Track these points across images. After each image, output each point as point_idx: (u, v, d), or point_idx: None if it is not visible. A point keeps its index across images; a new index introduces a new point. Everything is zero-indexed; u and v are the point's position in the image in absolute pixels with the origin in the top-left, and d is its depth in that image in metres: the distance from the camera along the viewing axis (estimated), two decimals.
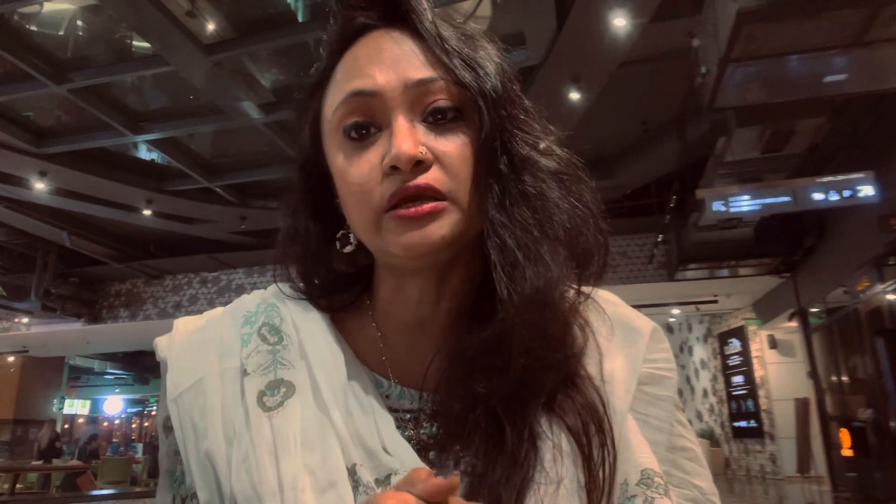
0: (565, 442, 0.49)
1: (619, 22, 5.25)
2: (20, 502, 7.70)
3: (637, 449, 0.51)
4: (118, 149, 8.12)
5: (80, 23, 6.29)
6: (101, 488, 8.32)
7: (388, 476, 0.48)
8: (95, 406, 22.46)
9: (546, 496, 0.46)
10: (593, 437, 0.49)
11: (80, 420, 21.65)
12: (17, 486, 8.26)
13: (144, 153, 8.45)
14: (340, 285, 0.60)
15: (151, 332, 0.61)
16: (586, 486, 0.48)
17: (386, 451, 0.49)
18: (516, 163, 0.51)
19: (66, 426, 19.11)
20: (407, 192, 0.48)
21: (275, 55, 6.39)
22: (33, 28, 6.08)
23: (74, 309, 11.47)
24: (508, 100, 0.53)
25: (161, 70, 5.94)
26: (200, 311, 0.62)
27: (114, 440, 17.98)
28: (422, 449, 0.51)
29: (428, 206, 0.48)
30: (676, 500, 0.53)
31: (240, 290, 11.25)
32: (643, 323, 0.58)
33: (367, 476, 0.48)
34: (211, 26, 5.58)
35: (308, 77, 0.57)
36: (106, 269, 11.53)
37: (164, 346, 0.56)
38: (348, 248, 0.56)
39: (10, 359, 14.66)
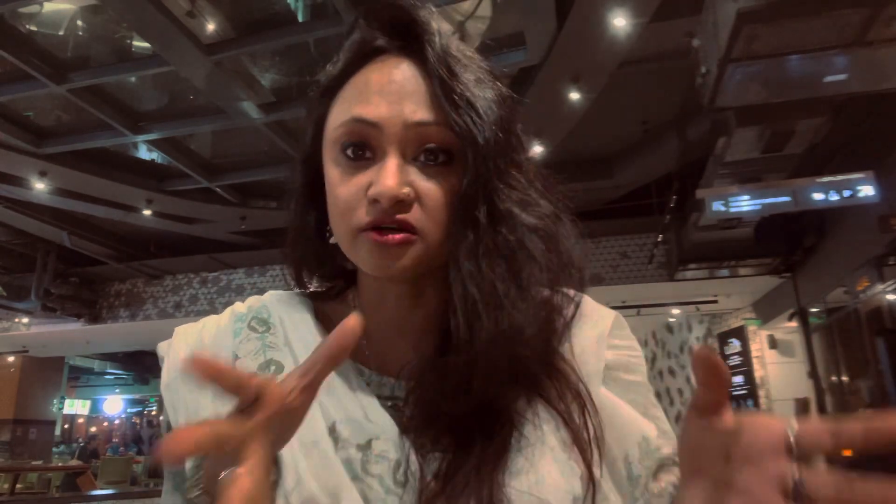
0: (543, 411, 0.53)
1: (619, 22, 5.25)
2: (20, 502, 7.71)
3: (628, 422, 0.55)
4: (118, 149, 8.11)
5: (80, 23, 6.29)
6: (101, 488, 8.32)
7: (370, 441, 0.52)
8: (95, 406, 22.47)
9: (534, 456, 0.50)
10: (571, 403, 0.53)
11: (80, 420, 21.66)
12: (17, 486, 8.26)
13: (144, 153, 8.45)
14: (329, 275, 0.66)
15: (151, 332, 0.63)
16: (574, 444, 0.51)
17: (368, 419, 0.53)
18: (495, 215, 0.53)
19: (66, 426, 19.11)
20: (383, 223, 0.52)
21: (275, 55, 6.40)
22: (33, 28, 6.08)
23: (74, 309, 11.46)
24: (499, 151, 0.54)
25: (161, 70, 5.93)
26: (200, 311, 0.64)
27: (114, 441, 17.98)
28: (401, 431, 0.54)
29: (398, 237, 0.52)
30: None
31: (240, 290, 11.24)
32: (605, 310, 0.62)
33: (346, 433, 0.52)
34: (211, 26, 5.58)
35: (320, 77, 0.60)
36: (106, 269, 11.53)
37: (163, 348, 0.62)
38: (334, 239, 0.59)
39: (10, 359, 14.65)
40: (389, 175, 0.51)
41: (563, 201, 0.59)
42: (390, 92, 0.54)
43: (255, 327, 0.60)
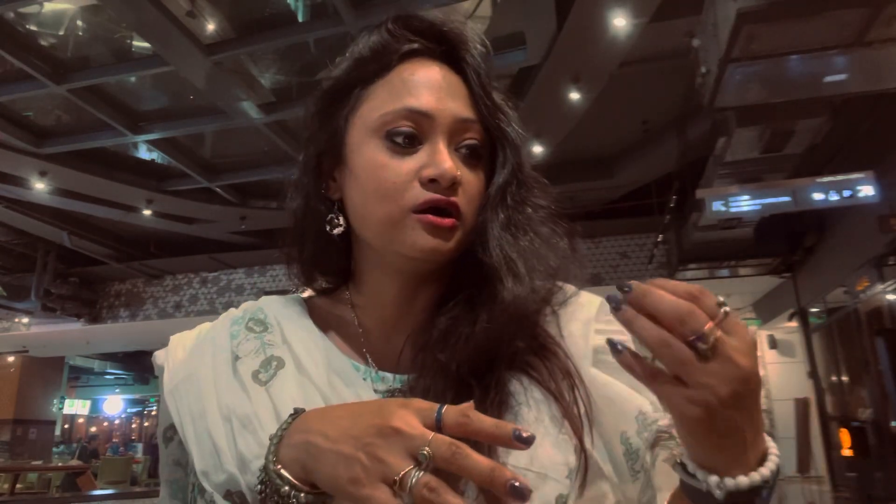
0: (536, 392, 0.55)
1: (619, 22, 5.25)
2: (20, 502, 7.71)
3: (624, 398, 0.57)
4: (118, 149, 8.11)
5: (80, 23, 6.29)
6: (102, 488, 8.32)
7: None
8: (95, 406, 22.46)
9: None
10: (561, 381, 0.56)
11: (80, 420, 21.65)
12: (17, 486, 8.26)
13: (144, 153, 8.45)
14: (333, 272, 0.68)
15: (151, 332, 0.64)
16: (564, 418, 0.54)
17: None
18: (521, 200, 0.61)
19: (66, 426, 19.11)
20: (440, 204, 0.56)
21: (275, 55, 6.39)
22: (33, 28, 6.08)
23: (74, 309, 11.46)
24: (522, 151, 0.63)
25: (161, 70, 5.93)
26: (200, 311, 0.65)
27: (114, 440, 17.97)
28: None
29: (449, 221, 0.57)
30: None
31: (240, 290, 11.25)
32: (593, 296, 0.65)
33: None
34: (211, 26, 5.58)
35: (338, 74, 0.63)
36: (106, 269, 11.53)
37: (161, 356, 0.64)
38: (337, 230, 0.62)
39: (10, 359, 14.65)
40: (446, 158, 0.56)
41: (557, 204, 0.65)
42: (439, 88, 0.59)
43: (253, 328, 0.61)
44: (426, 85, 0.59)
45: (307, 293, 0.69)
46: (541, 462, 0.51)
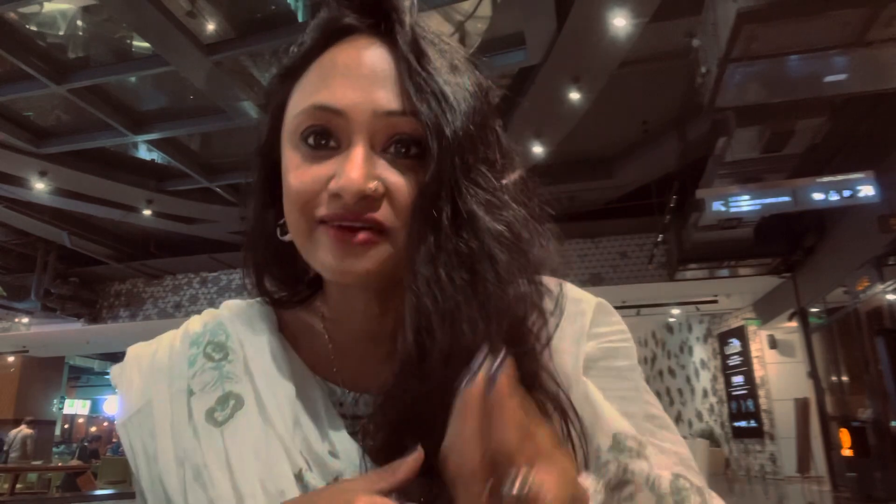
0: None
1: (619, 22, 5.25)
2: (20, 502, 7.71)
3: (606, 415, 0.50)
4: (118, 149, 8.12)
5: (80, 23, 6.29)
6: (101, 488, 8.32)
7: (337, 478, 0.48)
8: (95, 406, 22.47)
9: None
10: (552, 413, 0.47)
11: (80, 420, 21.66)
12: (17, 486, 8.26)
13: (144, 153, 8.46)
14: (292, 280, 0.60)
15: (151, 332, 0.61)
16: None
17: (333, 454, 0.49)
18: (458, 217, 0.47)
19: (66, 426, 19.11)
20: (346, 219, 0.46)
21: (275, 55, 6.39)
22: (33, 28, 6.08)
23: (74, 309, 11.47)
24: (469, 146, 0.48)
25: (161, 70, 5.93)
26: (200, 311, 0.62)
27: (114, 440, 17.97)
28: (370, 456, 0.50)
29: (362, 235, 0.46)
30: (659, 459, 0.51)
31: (240, 290, 11.16)
32: (588, 299, 0.56)
33: (314, 481, 0.47)
34: (211, 26, 5.58)
35: (284, 60, 0.54)
36: (106, 269, 11.53)
37: (116, 374, 0.56)
38: (287, 237, 0.53)
39: (10, 359, 14.67)
40: (355, 167, 0.45)
41: (541, 206, 0.53)
42: (359, 76, 0.48)
43: (212, 355, 0.54)
44: (345, 74, 0.48)
45: (306, 293, 0.62)
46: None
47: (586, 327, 0.54)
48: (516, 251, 0.48)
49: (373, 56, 0.49)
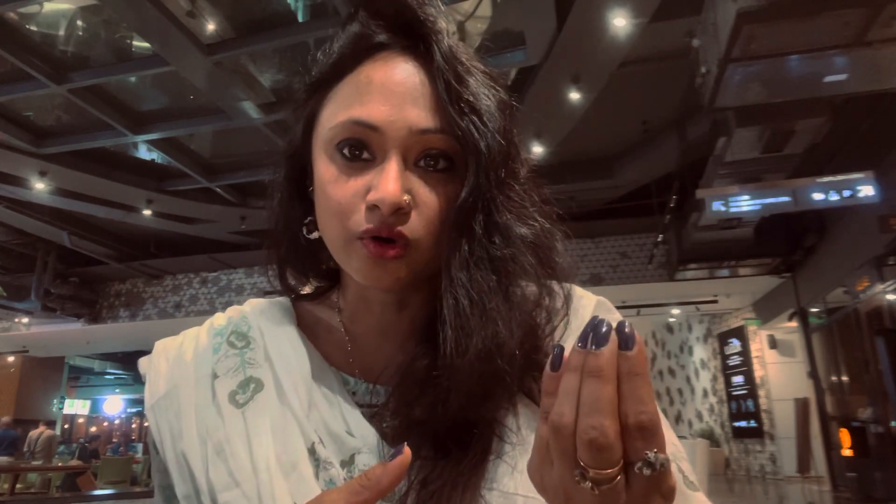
0: (528, 413, 0.52)
1: (619, 22, 5.25)
2: (20, 502, 7.71)
3: None
4: (118, 149, 8.12)
5: (80, 23, 6.29)
6: (101, 488, 8.32)
7: (353, 456, 0.52)
8: (95, 406, 22.46)
9: (518, 457, 0.49)
10: None
11: (80, 420, 21.65)
12: (17, 486, 8.26)
13: (144, 153, 8.46)
14: (314, 275, 0.64)
15: (151, 332, 0.62)
16: None
17: (350, 434, 0.52)
18: (491, 226, 0.51)
19: (66, 426, 19.11)
20: (380, 234, 0.50)
21: (275, 55, 6.39)
22: (33, 28, 6.08)
23: (74, 309, 11.47)
24: (501, 161, 0.52)
25: (161, 70, 5.93)
26: (200, 311, 0.64)
27: (114, 440, 17.97)
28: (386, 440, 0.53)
29: (394, 251, 0.50)
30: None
31: (240, 290, 11.25)
32: (589, 296, 0.61)
33: (325, 453, 0.51)
34: (211, 26, 5.58)
35: (312, 71, 0.58)
36: (106, 269, 11.53)
37: (144, 364, 0.60)
38: (314, 235, 0.58)
39: (10, 359, 14.67)
40: (391, 180, 0.49)
41: (554, 210, 0.57)
42: (394, 93, 0.51)
43: (234, 342, 0.58)
44: (381, 91, 0.51)
45: (307, 289, 0.65)
46: (527, 486, 0.47)
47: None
48: (543, 255, 0.54)
49: (407, 74, 0.52)
